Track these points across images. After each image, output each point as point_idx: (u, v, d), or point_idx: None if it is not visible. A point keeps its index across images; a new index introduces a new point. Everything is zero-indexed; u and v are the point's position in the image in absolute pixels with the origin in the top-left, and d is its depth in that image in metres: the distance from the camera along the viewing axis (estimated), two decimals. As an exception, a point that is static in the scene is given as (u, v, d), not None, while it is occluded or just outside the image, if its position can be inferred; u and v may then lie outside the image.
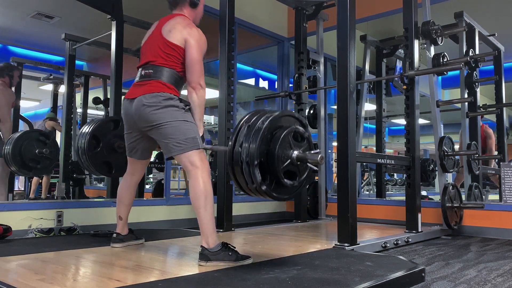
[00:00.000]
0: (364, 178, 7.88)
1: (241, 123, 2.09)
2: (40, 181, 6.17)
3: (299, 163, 2.08)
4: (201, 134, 2.38)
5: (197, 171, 2.26)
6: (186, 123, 2.32)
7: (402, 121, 8.41)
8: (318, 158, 2.04)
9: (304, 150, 2.11)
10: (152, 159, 2.89)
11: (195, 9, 2.62)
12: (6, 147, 4.20)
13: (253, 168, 1.94)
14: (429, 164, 5.83)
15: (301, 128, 2.14)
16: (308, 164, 2.11)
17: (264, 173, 1.99)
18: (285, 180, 2.04)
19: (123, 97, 2.62)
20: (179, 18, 2.52)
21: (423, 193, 5.94)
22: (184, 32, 2.41)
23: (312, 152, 2.11)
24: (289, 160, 2.05)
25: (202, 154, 2.33)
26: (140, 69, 2.51)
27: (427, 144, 11.14)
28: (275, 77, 6.58)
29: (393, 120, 11.03)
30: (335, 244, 2.84)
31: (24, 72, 6.09)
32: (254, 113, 2.12)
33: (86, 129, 3.01)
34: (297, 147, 2.09)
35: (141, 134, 2.51)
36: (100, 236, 3.12)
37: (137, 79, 2.50)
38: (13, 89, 4.73)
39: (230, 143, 2.08)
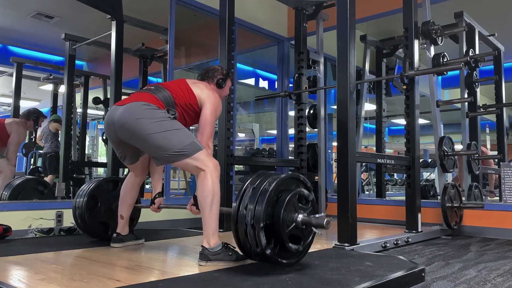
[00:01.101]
0: (364, 178, 7.88)
1: (246, 185, 2.05)
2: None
3: (304, 227, 2.03)
4: None
5: (206, 172, 2.24)
6: (178, 131, 2.30)
7: (402, 121, 8.41)
8: (324, 223, 1.99)
9: (309, 213, 2.07)
10: (151, 198, 2.86)
11: (220, 90, 2.68)
12: (4, 193, 4.18)
13: (258, 231, 1.90)
14: (429, 190, 5.77)
15: (306, 191, 2.10)
16: (312, 228, 2.07)
17: (268, 236, 1.95)
18: (290, 244, 2.00)
19: (125, 97, 2.62)
20: (206, 83, 2.61)
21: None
22: (205, 92, 2.48)
23: (317, 216, 2.05)
24: (294, 224, 2.00)
25: (208, 154, 2.32)
26: None
27: (427, 144, 11.15)
28: (275, 77, 6.58)
29: (393, 120, 11.02)
30: (335, 244, 2.84)
31: (24, 72, 6.10)
32: (259, 175, 2.08)
33: (85, 188, 2.99)
34: (301, 210, 2.05)
35: (123, 144, 2.47)
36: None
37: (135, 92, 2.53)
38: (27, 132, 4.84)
39: (234, 205, 2.04)
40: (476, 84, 4.79)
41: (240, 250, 2.06)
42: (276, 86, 6.24)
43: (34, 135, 5.92)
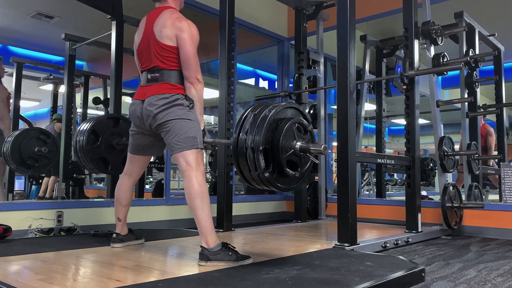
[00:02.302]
0: (364, 178, 7.88)
1: (247, 112, 2.13)
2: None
3: (301, 154, 2.12)
4: (202, 128, 2.40)
5: (191, 171, 2.27)
6: (188, 121, 2.34)
7: (402, 121, 8.41)
8: (322, 148, 2.08)
9: (307, 142, 2.15)
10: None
11: None
12: (5, 144, 4.19)
13: (257, 154, 1.98)
14: (428, 163, 5.81)
15: (305, 121, 2.19)
16: (310, 156, 2.15)
17: (267, 161, 2.03)
18: (288, 169, 2.07)
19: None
20: (167, 12, 2.48)
21: (423, 193, 5.94)
22: (174, 29, 2.39)
23: (315, 143, 2.17)
24: (292, 150, 2.09)
25: (199, 154, 2.33)
26: (145, 73, 2.51)
27: (427, 144, 11.13)
28: (275, 77, 6.58)
29: (393, 120, 11.02)
30: (335, 244, 2.84)
31: (24, 72, 6.09)
32: (260, 104, 2.17)
33: (85, 126, 3.02)
34: (300, 138, 2.13)
35: (148, 132, 2.52)
36: (100, 236, 3.12)
37: (144, 82, 2.52)
38: (3, 82, 4.54)
39: (236, 130, 2.11)
40: (476, 84, 4.79)
41: (240, 175, 2.13)
42: (276, 86, 6.24)
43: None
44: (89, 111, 6.66)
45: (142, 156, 2.68)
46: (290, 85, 5.53)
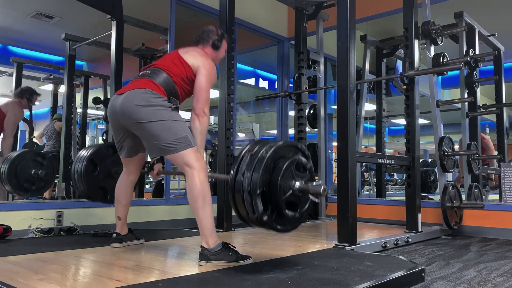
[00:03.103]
0: (366, 178, 7.88)
1: (244, 152, 2.04)
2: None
3: (300, 194, 2.03)
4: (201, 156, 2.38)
5: (193, 171, 2.25)
6: (175, 122, 2.30)
7: (402, 121, 8.41)
8: (321, 190, 1.99)
9: (306, 181, 2.07)
10: (150, 164, 2.87)
11: (216, 51, 2.66)
12: (2, 167, 4.17)
13: (255, 197, 1.90)
14: (429, 175, 5.76)
15: (303, 159, 2.10)
16: (310, 196, 2.07)
17: (265, 203, 1.95)
18: (287, 211, 2.00)
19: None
20: (199, 49, 2.59)
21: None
22: (198, 59, 2.46)
23: (314, 183, 2.06)
24: (291, 191, 2.00)
25: (197, 153, 2.31)
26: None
27: (427, 144, 11.14)
28: (275, 77, 6.58)
29: (393, 120, 11.02)
30: (335, 244, 2.84)
31: (24, 72, 6.10)
32: (257, 143, 2.08)
33: (84, 153, 2.99)
34: (299, 177, 2.05)
35: (126, 132, 2.48)
36: (100, 236, 3.12)
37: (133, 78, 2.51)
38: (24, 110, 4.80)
39: (232, 171, 2.03)
40: (476, 84, 4.79)
41: (238, 216, 2.07)
42: (276, 86, 6.24)
43: (32, 134, 5.87)
44: (89, 111, 6.66)
45: (133, 157, 2.65)
46: (290, 85, 5.53)
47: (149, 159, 2.87)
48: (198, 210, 2.23)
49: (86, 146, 4.68)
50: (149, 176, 2.87)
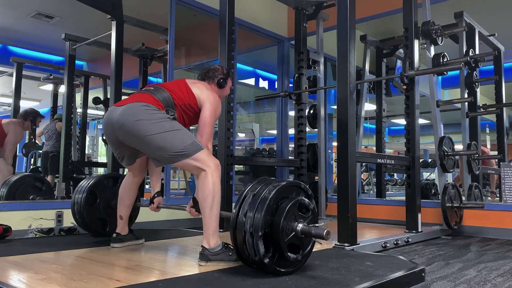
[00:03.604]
0: (364, 178, 7.89)
1: (246, 192, 2.03)
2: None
3: (303, 236, 2.01)
4: None
5: (207, 169, 2.23)
6: (178, 131, 2.29)
7: (402, 121, 8.41)
8: (324, 234, 1.96)
9: (309, 222, 2.05)
10: (150, 197, 2.86)
11: (221, 89, 2.67)
12: (2, 190, 4.16)
13: (256, 239, 1.88)
14: (430, 188, 5.74)
15: (306, 200, 2.08)
16: (313, 238, 2.06)
17: (267, 245, 1.93)
18: (289, 253, 1.97)
19: (125, 97, 2.61)
20: (206, 83, 2.61)
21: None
22: (204, 93, 2.47)
23: (317, 225, 2.05)
24: (293, 233, 1.98)
25: (208, 152, 2.31)
26: None
27: (427, 144, 11.14)
28: (275, 77, 6.58)
29: (393, 120, 11.02)
30: (335, 244, 2.84)
31: (24, 72, 6.10)
32: (260, 182, 2.06)
33: (84, 183, 2.98)
34: (301, 219, 2.03)
35: (120, 144, 2.45)
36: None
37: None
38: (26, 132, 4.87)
39: (233, 211, 2.02)
40: (476, 84, 4.79)
41: (238, 257, 2.04)
42: (276, 86, 6.24)
43: (33, 136, 5.90)
44: (89, 111, 6.67)
45: (134, 164, 2.64)
46: (290, 85, 5.53)
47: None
48: (206, 209, 2.23)
49: (87, 177, 4.63)
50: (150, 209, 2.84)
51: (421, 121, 4.05)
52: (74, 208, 2.92)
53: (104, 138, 6.09)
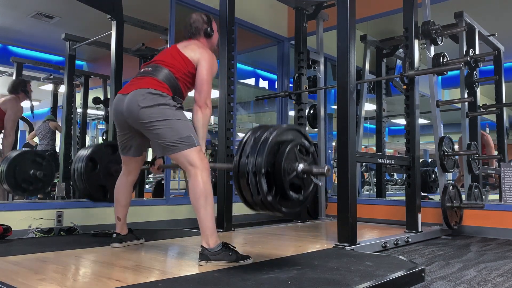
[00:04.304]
0: (365, 178, 7.88)
1: (247, 136, 2.07)
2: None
3: (304, 176, 2.06)
4: (203, 151, 2.38)
5: (196, 170, 2.25)
6: (179, 121, 2.30)
7: (402, 121, 8.41)
8: (325, 170, 2.03)
9: (309, 164, 2.10)
10: (151, 159, 2.88)
11: (210, 39, 2.68)
12: (1, 165, 4.16)
13: (259, 177, 1.92)
14: (430, 175, 5.76)
15: (306, 143, 2.13)
16: (312, 179, 2.10)
17: (269, 184, 1.96)
18: (291, 192, 2.01)
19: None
20: (196, 41, 2.61)
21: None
22: (197, 52, 2.47)
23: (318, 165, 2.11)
24: (295, 173, 2.02)
25: (200, 152, 2.32)
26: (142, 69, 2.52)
27: (427, 144, 11.14)
28: (275, 77, 6.58)
29: (393, 120, 11.02)
30: (335, 244, 2.84)
31: (24, 72, 6.10)
32: (260, 127, 2.11)
33: (83, 152, 3.00)
34: (302, 160, 2.07)
35: (133, 131, 2.49)
36: (100, 236, 3.12)
37: (134, 76, 2.51)
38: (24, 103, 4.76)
39: (236, 156, 2.05)
40: (476, 84, 4.79)
41: (242, 200, 2.07)
42: (276, 86, 6.24)
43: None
44: (89, 111, 6.66)
45: (134, 157, 2.65)
46: (290, 85, 5.53)
47: (149, 159, 2.87)
48: (200, 209, 2.23)
49: (86, 145, 4.66)
50: (150, 173, 2.90)
51: (421, 121, 4.05)
52: (74, 175, 2.93)
53: (104, 138, 6.11)
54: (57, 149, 5.93)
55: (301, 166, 2.04)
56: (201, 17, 2.66)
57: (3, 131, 4.54)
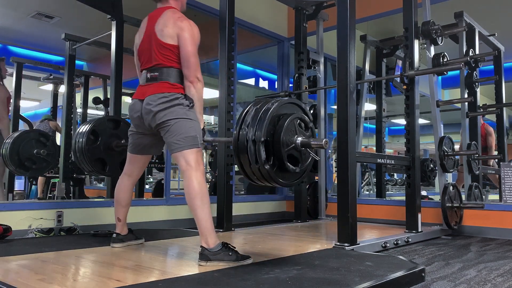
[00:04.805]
0: (364, 178, 7.88)
1: (249, 107, 2.12)
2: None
3: (302, 149, 2.11)
4: (202, 127, 2.41)
5: (191, 171, 2.27)
6: (188, 121, 2.33)
7: (402, 121, 8.41)
8: (323, 142, 2.07)
9: (308, 137, 2.16)
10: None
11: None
12: (4, 145, 4.16)
13: (258, 146, 1.96)
14: (428, 164, 5.80)
15: (306, 117, 2.19)
16: (310, 153, 2.15)
17: (268, 154, 2.01)
18: (288, 164, 2.05)
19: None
20: (168, 12, 2.49)
21: (423, 193, 5.95)
22: (175, 28, 2.40)
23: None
24: (293, 145, 2.08)
25: (199, 154, 2.33)
26: (145, 72, 2.52)
27: (427, 144, 11.14)
28: (275, 77, 6.58)
29: (393, 120, 11.03)
30: (335, 244, 2.84)
31: (24, 72, 6.10)
32: (261, 100, 2.17)
33: (84, 127, 3.03)
34: (301, 134, 2.12)
35: (148, 131, 2.52)
36: (100, 236, 3.12)
37: (143, 81, 2.52)
38: (4, 82, 4.58)
39: (236, 125, 2.10)
40: (476, 84, 4.79)
41: (240, 170, 2.11)
42: (276, 86, 6.24)
43: None
44: (89, 111, 6.66)
45: (142, 156, 2.68)
46: (290, 85, 5.53)
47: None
48: (197, 210, 2.24)
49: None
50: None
51: (421, 121, 4.05)
52: (75, 147, 2.95)
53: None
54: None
55: (299, 139, 2.09)
56: None
57: None
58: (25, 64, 6.10)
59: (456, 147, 4.72)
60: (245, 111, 2.12)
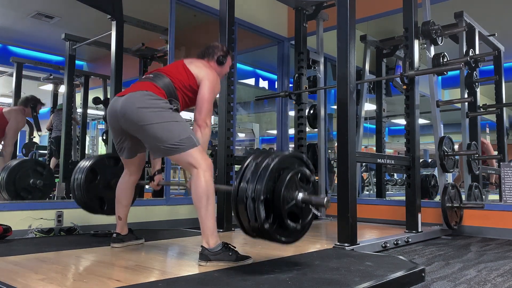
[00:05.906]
0: (364, 178, 7.88)
1: (249, 161, 2.05)
2: None
3: (303, 205, 2.03)
4: None
5: (199, 170, 2.25)
6: (176, 123, 2.30)
7: (402, 121, 8.41)
8: (324, 201, 2.00)
9: (309, 193, 2.07)
10: (149, 175, 2.88)
11: (219, 66, 2.70)
12: (1, 174, 4.12)
13: (258, 203, 1.90)
14: (430, 181, 5.76)
15: (307, 171, 2.11)
16: (311, 208, 2.08)
17: (267, 211, 1.94)
18: (289, 221, 1.99)
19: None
20: (204, 61, 2.62)
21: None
22: (203, 71, 2.49)
23: (317, 196, 2.09)
24: (293, 201, 2.00)
25: (202, 152, 2.31)
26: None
27: (427, 144, 11.13)
28: (275, 77, 6.58)
29: (393, 120, 11.01)
30: (335, 244, 2.84)
31: (24, 72, 6.10)
32: (262, 153, 2.09)
33: (85, 163, 2.99)
34: (302, 189, 2.05)
35: (125, 134, 2.48)
36: (100, 236, 3.12)
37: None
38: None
39: (236, 179, 2.03)
40: (476, 84, 4.79)
41: (240, 226, 2.06)
42: (276, 86, 6.24)
43: (36, 123, 5.78)
44: (89, 111, 6.66)
45: (134, 158, 2.64)
46: (290, 85, 5.53)
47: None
48: (201, 209, 2.23)
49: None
50: (150, 187, 2.89)
51: (421, 121, 4.05)
52: (74, 185, 2.93)
53: (104, 138, 6.10)
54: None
55: (300, 195, 2.02)
56: (221, 45, 2.72)
57: (3, 140, 4.53)
58: (25, 64, 6.10)
59: (456, 147, 4.71)
60: (245, 165, 2.04)
